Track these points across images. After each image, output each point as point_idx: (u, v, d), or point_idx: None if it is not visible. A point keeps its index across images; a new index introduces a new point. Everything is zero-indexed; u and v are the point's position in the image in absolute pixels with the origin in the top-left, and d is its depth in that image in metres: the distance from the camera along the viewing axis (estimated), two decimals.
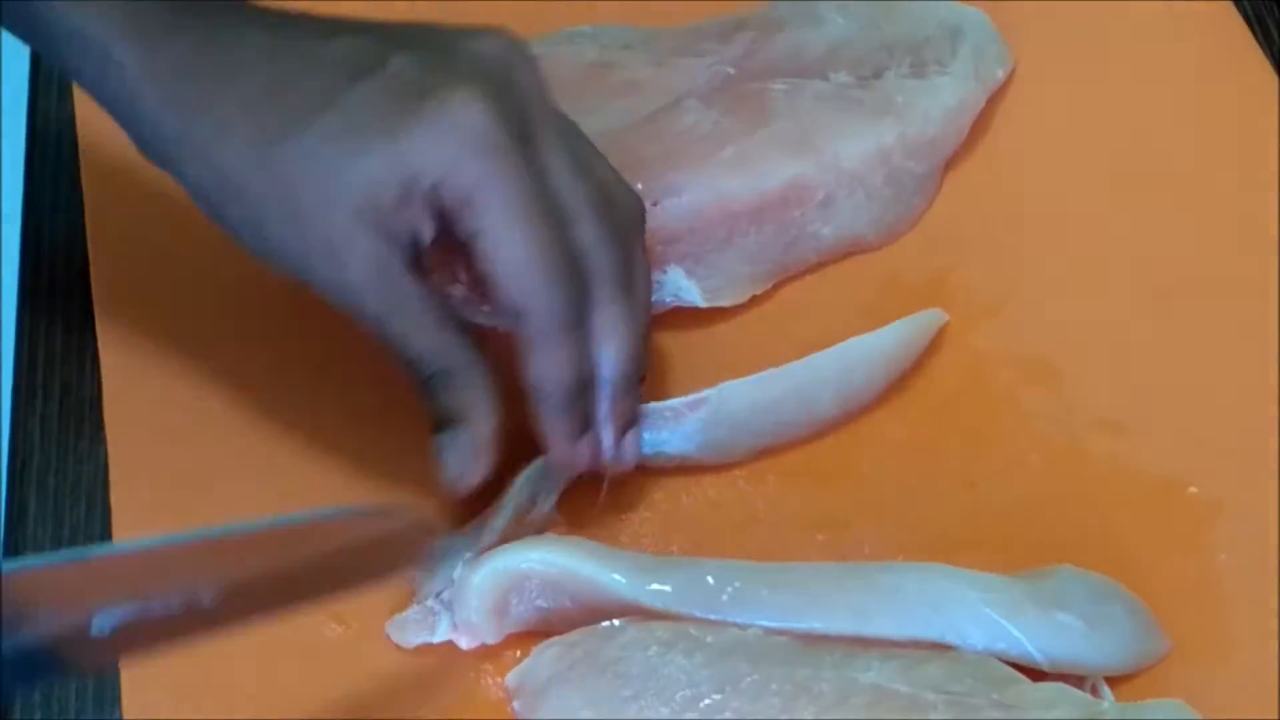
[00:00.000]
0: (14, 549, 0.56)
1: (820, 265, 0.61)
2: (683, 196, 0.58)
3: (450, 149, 0.48)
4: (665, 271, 0.58)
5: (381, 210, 0.49)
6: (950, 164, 0.63)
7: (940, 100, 0.61)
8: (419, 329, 0.50)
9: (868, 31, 0.63)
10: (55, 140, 0.65)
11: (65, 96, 0.66)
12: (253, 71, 0.50)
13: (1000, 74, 0.64)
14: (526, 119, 0.50)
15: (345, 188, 0.48)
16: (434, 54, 0.50)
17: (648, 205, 0.57)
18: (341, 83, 0.49)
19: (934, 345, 0.59)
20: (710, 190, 0.58)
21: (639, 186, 0.57)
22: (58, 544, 0.56)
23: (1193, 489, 0.56)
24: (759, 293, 0.60)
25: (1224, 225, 0.62)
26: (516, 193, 0.49)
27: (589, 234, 0.50)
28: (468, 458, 0.51)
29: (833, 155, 0.60)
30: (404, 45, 0.50)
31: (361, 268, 0.49)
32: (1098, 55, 0.66)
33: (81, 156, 0.65)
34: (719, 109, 0.60)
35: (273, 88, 0.49)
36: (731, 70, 0.61)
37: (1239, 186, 0.63)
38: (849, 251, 0.61)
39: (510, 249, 0.49)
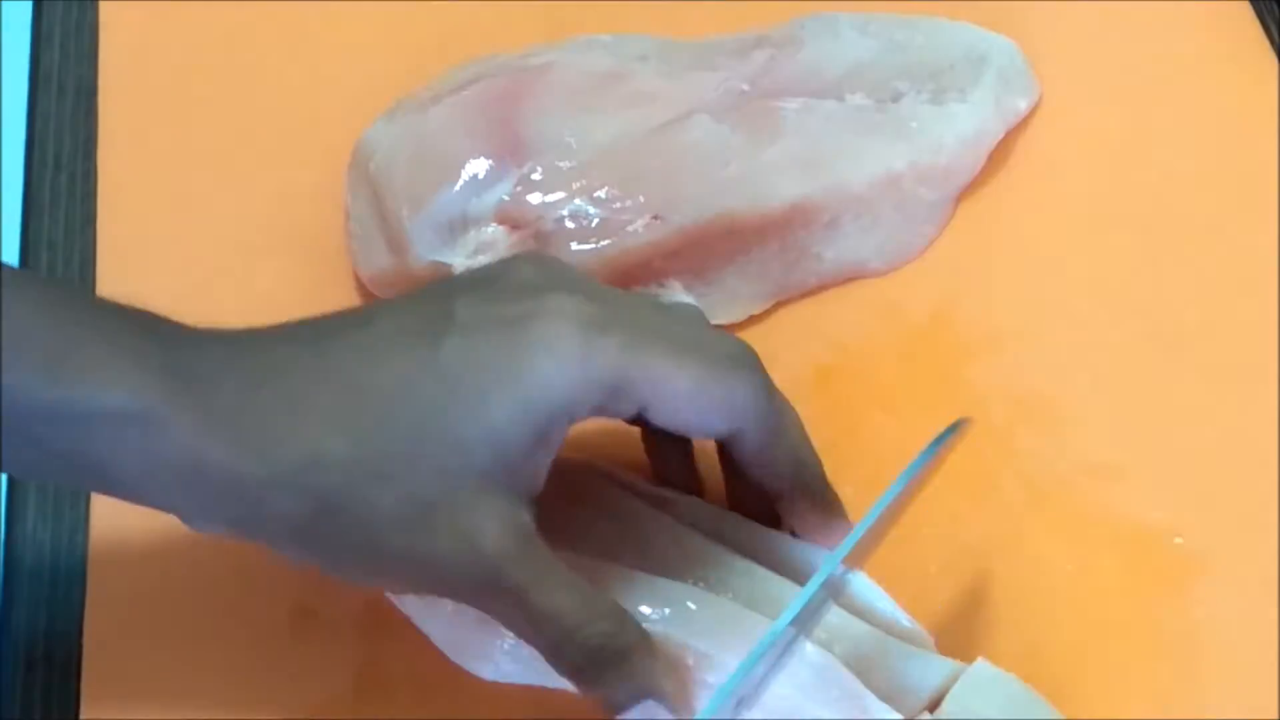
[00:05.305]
0: (13, 548, 0.57)
1: (821, 288, 0.61)
2: (685, 210, 0.58)
3: (575, 361, 0.45)
4: (664, 285, 0.59)
5: (511, 459, 0.45)
6: (965, 194, 0.62)
7: (956, 128, 0.61)
8: (571, 598, 0.45)
9: (890, 54, 0.62)
10: (55, 140, 0.66)
11: (64, 96, 0.67)
12: (324, 380, 0.45)
13: (1023, 106, 0.63)
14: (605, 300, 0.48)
15: (471, 450, 0.45)
16: (489, 288, 0.47)
17: (648, 218, 0.58)
18: (422, 350, 0.45)
19: (930, 378, 0.58)
20: (712, 206, 0.58)
21: (641, 199, 0.58)
22: (57, 544, 0.56)
23: (1178, 540, 0.55)
24: (756, 312, 0.60)
25: (1242, 279, 0.60)
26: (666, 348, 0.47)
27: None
28: None
29: (840, 178, 0.59)
30: (452, 294, 0.47)
31: (496, 536, 0.44)
32: (1129, 96, 0.65)
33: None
34: (729, 125, 0.59)
35: (351, 385, 0.45)
36: (746, 86, 0.60)
37: (1260, 239, 0.61)
38: (851, 276, 0.61)
39: (685, 391, 0.47)
